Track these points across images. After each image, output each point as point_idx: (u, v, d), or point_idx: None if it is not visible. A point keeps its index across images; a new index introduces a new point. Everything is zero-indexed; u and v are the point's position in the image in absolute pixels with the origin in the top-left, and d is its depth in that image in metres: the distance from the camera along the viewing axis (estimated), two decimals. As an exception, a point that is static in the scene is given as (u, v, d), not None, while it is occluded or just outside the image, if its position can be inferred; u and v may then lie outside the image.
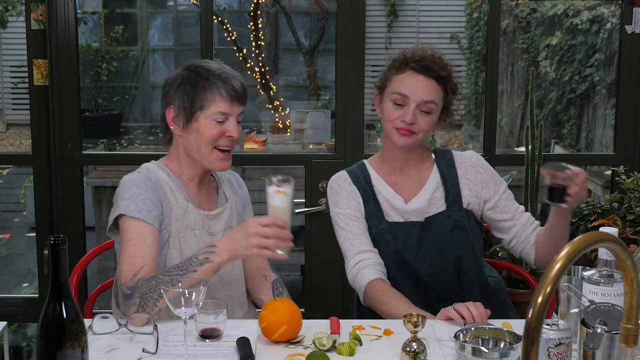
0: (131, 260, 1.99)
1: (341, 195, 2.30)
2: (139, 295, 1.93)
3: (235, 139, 2.12)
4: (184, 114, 2.11)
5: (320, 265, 3.41)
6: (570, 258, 1.14)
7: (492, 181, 2.29)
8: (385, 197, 2.27)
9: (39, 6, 3.23)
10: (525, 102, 7.78)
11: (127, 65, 11.35)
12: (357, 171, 2.32)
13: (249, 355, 1.76)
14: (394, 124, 2.18)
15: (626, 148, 3.39)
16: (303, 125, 5.49)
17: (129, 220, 2.05)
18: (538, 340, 1.11)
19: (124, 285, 1.97)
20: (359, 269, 2.20)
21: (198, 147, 2.12)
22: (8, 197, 7.82)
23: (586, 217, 2.99)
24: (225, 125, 2.10)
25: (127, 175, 2.16)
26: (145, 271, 1.98)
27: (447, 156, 2.32)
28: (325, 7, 7.04)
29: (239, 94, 2.10)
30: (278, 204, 1.90)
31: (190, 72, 2.12)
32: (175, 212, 2.12)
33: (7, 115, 11.37)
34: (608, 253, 1.69)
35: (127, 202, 2.07)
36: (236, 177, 2.36)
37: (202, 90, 2.09)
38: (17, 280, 5.49)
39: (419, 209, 2.26)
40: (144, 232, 2.03)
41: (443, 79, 2.19)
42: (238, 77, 2.13)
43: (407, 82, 2.18)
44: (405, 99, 2.17)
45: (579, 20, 7.03)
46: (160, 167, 2.18)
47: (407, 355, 1.75)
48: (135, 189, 2.09)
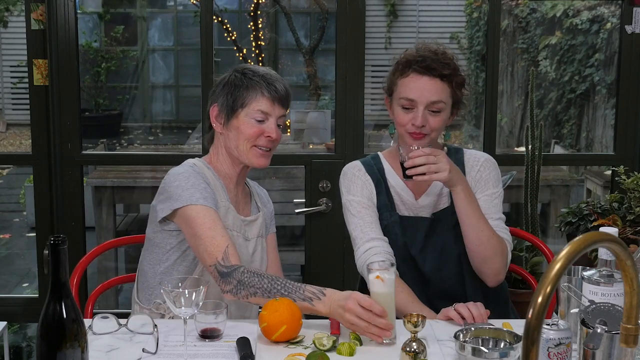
0: (213, 242, 2.02)
1: (355, 183, 2.30)
2: (237, 279, 1.97)
3: (274, 139, 2.17)
4: (226, 111, 2.17)
5: (320, 265, 3.41)
6: (570, 258, 1.14)
7: (485, 180, 2.29)
8: (397, 192, 2.29)
9: (39, 6, 3.22)
10: (525, 102, 7.78)
11: (127, 65, 11.35)
12: (372, 162, 2.34)
13: (249, 355, 1.76)
14: (406, 129, 2.19)
15: (626, 148, 3.39)
16: (303, 125, 5.50)
17: (196, 207, 2.06)
18: (538, 340, 1.11)
19: (217, 264, 2.00)
20: (368, 255, 2.19)
21: (237, 145, 2.17)
22: (8, 197, 7.81)
23: (586, 217, 2.99)
24: (265, 125, 2.15)
25: (175, 169, 2.18)
26: (232, 252, 2.01)
27: (457, 155, 2.33)
28: (325, 7, 7.04)
29: (282, 95, 2.16)
30: (376, 290, 1.89)
31: (238, 73, 2.19)
32: (220, 210, 2.14)
33: (7, 115, 11.35)
34: (608, 253, 1.69)
35: (190, 192, 2.08)
36: (264, 193, 2.41)
37: (245, 88, 2.15)
38: (17, 280, 5.49)
39: (428, 205, 2.28)
40: (213, 215, 2.07)
41: (447, 76, 2.19)
42: (283, 81, 2.20)
43: (412, 86, 2.18)
44: (412, 103, 2.17)
45: (579, 20, 7.03)
46: (206, 165, 2.22)
47: (407, 355, 1.75)
48: (195, 179, 2.12)
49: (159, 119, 11.24)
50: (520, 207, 3.58)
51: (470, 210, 2.13)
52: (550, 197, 4.86)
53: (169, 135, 10.67)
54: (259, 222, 2.28)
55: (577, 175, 5.81)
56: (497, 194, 2.29)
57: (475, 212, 2.14)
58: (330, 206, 3.35)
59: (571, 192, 5.04)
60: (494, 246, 2.14)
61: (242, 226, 2.21)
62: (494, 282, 2.22)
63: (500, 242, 2.17)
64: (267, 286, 1.95)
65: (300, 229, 4.43)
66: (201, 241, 2.04)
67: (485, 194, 2.27)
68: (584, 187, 5.61)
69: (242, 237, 2.21)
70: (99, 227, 4.62)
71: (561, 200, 4.81)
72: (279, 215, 4.10)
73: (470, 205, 2.13)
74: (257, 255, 2.27)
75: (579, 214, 3.02)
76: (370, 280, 1.90)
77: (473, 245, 2.15)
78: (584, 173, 5.72)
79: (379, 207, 2.28)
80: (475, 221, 2.14)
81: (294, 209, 3.49)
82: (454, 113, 2.26)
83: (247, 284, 1.96)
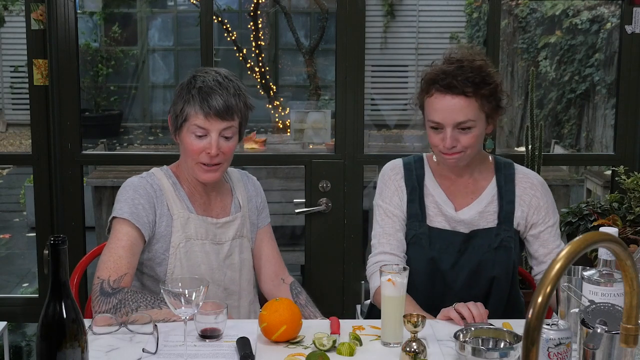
0: (118, 261, 2.01)
1: (387, 187, 2.25)
2: (118, 299, 1.95)
3: (214, 155, 2.08)
4: (174, 123, 2.14)
5: (320, 265, 3.41)
6: (570, 258, 1.14)
7: (545, 210, 2.21)
8: (435, 200, 2.21)
9: (39, 6, 3.22)
10: (525, 102, 7.78)
11: (127, 65, 11.34)
12: (413, 166, 2.26)
13: (249, 355, 1.76)
14: (439, 149, 2.13)
15: (626, 148, 3.38)
16: (303, 125, 5.49)
17: (121, 221, 2.06)
18: (538, 340, 1.11)
19: (105, 282, 1.98)
20: (375, 268, 2.18)
21: (185, 160, 2.14)
22: (8, 197, 7.81)
23: (586, 217, 2.99)
24: (205, 141, 2.09)
25: (130, 178, 2.17)
26: (127, 281, 2.00)
27: (508, 171, 2.24)
28: (325, 7, 7.04)
29: (217, 110, 2.06)
30: (387, 293, 1.89)
31: (189, 80, 2.13)
32: (176, 221, 2.12)
33: (7, 115, 11.36)
34: (608, 253, 1.69)
35: (121, 204, 2.09)
36: (253, 182, 2.34)
37: (183, 102, 2.09)
38: (17, 280, 5.49)
39: (469, 220, 2.19)
40: (133, 237, 2.05)
41: (472, 92, 2.07)
42: (224, 92, 2.07)
43: (437, 107, 2.09)
44: (439, 125, 2.10)
45: (579, 20, 7.03)
46: (168, 174, 2.18)
47: (407, 355, 1.75)
48: (132, 193, 2.10)
49: (159, 119, 11.24)
50: (520, 207, 3.57)
51: None
52: (550, 197, 4.86)
53: (169, 135, 10.65)
54: (237, 223, 2.22)
55: (577, 175, 5.81)
56: (557, 221, 2.24)
57: None
58: (330, 206, 3.35)
59: (571, 192, 5.05)
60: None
61: (212, 230, 2.16)
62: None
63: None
64: (149, 299, 1.97)
65: (301, 229, 4.43)
66: (109, 254, 2.03)
67: (548, 224, 2.21)
68: (584, 187, 5.62)
69: (211, 242, 2.16)
70: (99, 227, 4.62)
71: (561, 200, 4.81)
72: (279, 215, 4.11)
73: None
74: (235, 258, 2.21)
75: (579, 214, 3.02)
76: (382, 283, 1.89)
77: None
78: (584, 173, 5.72)
79: (409, 215, 2.21)
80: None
81: (294, 209, 3.49)
82: (490, 123, 2.15)
83: (130, 301, 1.95)
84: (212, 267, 2.15)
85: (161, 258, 2.11)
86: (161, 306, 1.96)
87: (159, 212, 2.11)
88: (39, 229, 3.40)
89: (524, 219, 2.20)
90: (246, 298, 2.24)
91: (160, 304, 1.96)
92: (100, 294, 1.96)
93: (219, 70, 2.15)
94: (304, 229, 3.52)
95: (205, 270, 2.14)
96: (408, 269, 1.90)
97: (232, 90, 2.09)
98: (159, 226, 2.10)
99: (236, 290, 2.21)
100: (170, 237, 2.11)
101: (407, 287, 1.90)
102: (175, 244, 2.11)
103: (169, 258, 2.11)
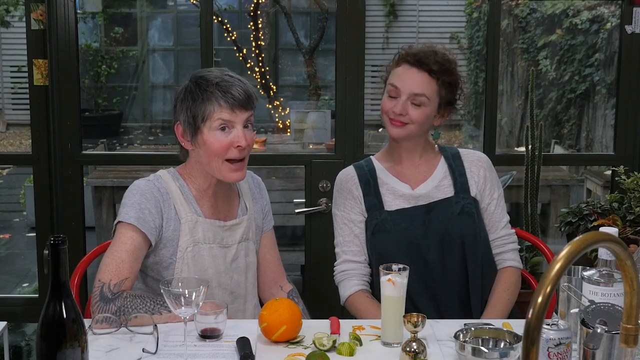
0: (120, 265, 2.00)
1: (340, 195, 2.35)
2: (117, 306, 1.94)
3: (245, 147, 2.08)
4: (189, 128, 2.09)
5: (320, 265, 3.41)
6: (570, 258, 1.14)
7: (491, 182, 2.34)
8: (391, 187, 2.31)
9: (39, 6, 3.22)
10: (525, 102, 7.78)
11: (127, 65, 11.35)
12: (363, 164, 2.38)
13: (249, 355, 1.76)
14: (388, 115, 2.25)
15: (626, 148, 3.38)
16: (303, 125, 5.49)
17: (128, 226, 2.05)
18: (538, 340, 1.11)
19: (106, 285, 1.97)
20: (341, 277, 2.32)
21: (208, 162, 2.09)
22: (8, 197, 7.81)
23: (586, 217, 2.99)
24: (232, 135, 2.06)
25: (137, 181, 2.14)
26: (128, 285, 1.99)
27: (452, 151, 2.38)
28: (325, 7, 7.04)
29: (240, 100, 2.05)
30: (387, 293, 1.90)
31: (192, 84, 2.09)
32: (184, 225, 2.10)
33: (7, 115, 11.36)
34: (608, 253, 1.69)
35: (127, 209, 2.07)
36: (258, 183, 2.33)
37: (201, 102, 2.06)
38: (17, 280, 5.49)
39: (426, 194, 2.29)
40: (137, 242, 2.04)
41: (436, 72, 2.23)
42: (240, 83, 2.08)
43: (401, 75, 2.25)
44: (397, 91, 2.23)
45: (578, 20, 7.03)
46: (175, 176, 2.15)
47: (407, 355, 1.75)
48: (140, 197, 2.08)
49: (159, 119, 11.25)
50: (520, 207, 3.58)
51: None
52: (550, 197, 4.86)
53: (169, 135, 10.66)
54: (244, 226, 2.20)
55: (577, 175, 5.81)
56: (502, 194, 2.37)
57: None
58: (330, 206, 3.35)
59: (571, 192, 5.05)
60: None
61: (219, 233, 2.15)
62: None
63: (518, 289, 2.33)
64: (148, 304, 1.96)
65: (301, 229, 4.43)
66: (112, 257, 2.01)
67: (494, 197, 2.33)
68: (584, 187, 5.62)
69: (218, 246, 2.14)
70: (99, 227, 4.62)
71: (561, 200, 4.81)
72: (279, 215, 4.11)
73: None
74: (240, 261, 2.19)
75: (579, 214, 3.02)
76: (382, 283, 1.90)
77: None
78: (584, 173, 5.73)
79: (367, 208, 2.30)
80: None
81: (294, 209, 3.49)
82: (441, 114, 2.30)
83: (130, 307, 1.94)
84: (219, 270, 2.14)
85: (168, 262, 2.10)
86: (161, 311, 1.95)
87: (166, 216, 2.09)
88: (39, 229, 3.40)
89: (477, 190, 2.32)
90: (251, 301, 2.23)
91: (160, 309, 1.95)
92: (100, 299, 1.95)
93: (214, 69, 2.16)
94: (304, 229, 3.52)
95: (213, 274, 2.12)
96: (408, 269, 1.91)
97: (241, 81, 2.11)
98: (166, 230, 2.09)
99: (242, 294, 2.20)
100: (177, 241, 2.09)
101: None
102: (182, 248, 2.09)
103: (176, 262, 2.09)
